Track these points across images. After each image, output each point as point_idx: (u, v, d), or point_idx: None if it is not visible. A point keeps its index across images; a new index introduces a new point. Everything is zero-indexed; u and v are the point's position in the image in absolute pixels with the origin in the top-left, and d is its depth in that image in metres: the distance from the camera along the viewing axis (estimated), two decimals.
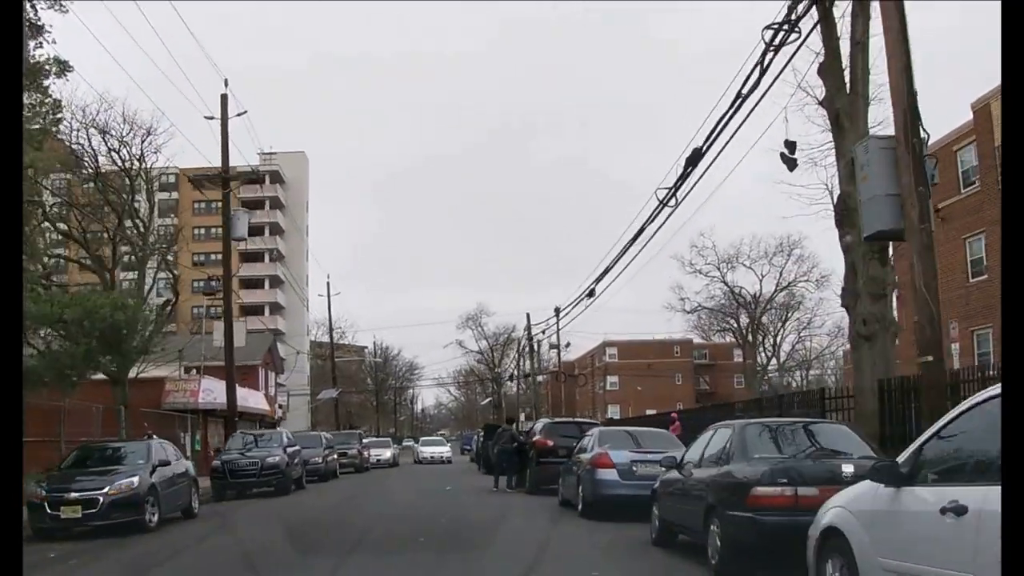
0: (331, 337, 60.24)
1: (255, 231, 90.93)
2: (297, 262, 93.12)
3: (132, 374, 36.42)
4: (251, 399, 46.66)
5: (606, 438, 15.81)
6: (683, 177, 17.60)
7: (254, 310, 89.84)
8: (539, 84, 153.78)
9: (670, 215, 18.99)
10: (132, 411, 34.75)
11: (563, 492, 18.06)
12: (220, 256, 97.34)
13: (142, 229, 38.15)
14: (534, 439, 22.40)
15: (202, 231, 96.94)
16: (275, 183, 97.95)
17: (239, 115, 32.80)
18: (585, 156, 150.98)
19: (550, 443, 21.69)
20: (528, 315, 51.92)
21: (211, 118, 32.51)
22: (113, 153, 37.48)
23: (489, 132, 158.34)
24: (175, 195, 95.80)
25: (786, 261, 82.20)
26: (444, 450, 51.75)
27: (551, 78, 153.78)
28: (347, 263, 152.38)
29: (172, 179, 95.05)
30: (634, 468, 14.61)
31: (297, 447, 27.35)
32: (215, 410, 38.67)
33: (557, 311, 52.75)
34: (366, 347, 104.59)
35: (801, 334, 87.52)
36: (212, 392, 39.24)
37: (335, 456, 33.89)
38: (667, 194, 18.28)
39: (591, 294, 27.79)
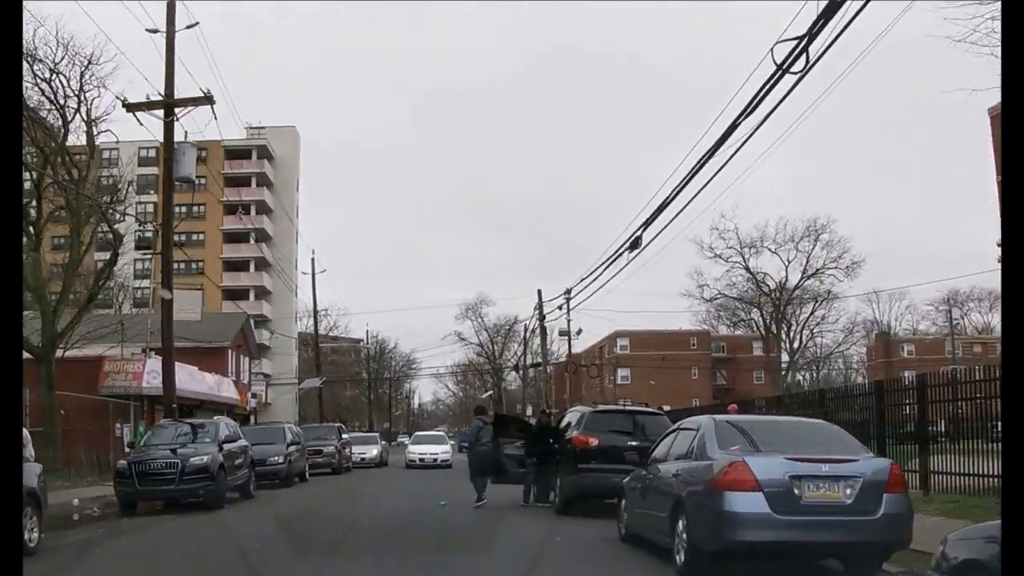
0: (315, 319, 53.53)
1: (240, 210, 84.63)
2: (286, 244, 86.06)
3: (59, 352, 30.16)
4: (217, 386, 39.86)
5: (727, 434, 8.78)
6: (830, 11, 10.78)
7: (238, 294, 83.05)
8: (544, 77, 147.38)
9: (793, 87, 12.15)
10: (56, 396, 28.28)
11: (628, 521, 11.19)
12: (202, 236, 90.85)
13: (76, 176, 31.25)
14: (571, 436, 15.52)
15: (182, 209, 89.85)
16: (262, 159, 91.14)
17: (188, 27, 26.16)
18: (590, 154, 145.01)
19: (594, 442, 14.96)
20: (540, 291, 45.04)
21: (155, 31, 26.00)
22: (43, 83, 30.76)
23: (489, 125, 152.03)
24: (154, 170, 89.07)
25: (813, 246, 75.58)
26: (442, 450, 39.22)
27: (555, 69, 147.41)
28: (345, 258, 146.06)
29: (152, 153, 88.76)
30: (797, 490, 7.86)
31: (243, 443, 20.57)
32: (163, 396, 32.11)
33: (568, 292, 46.08)
34: (360, 340, 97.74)
35: (814, 330, 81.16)
36: (159, 375, 32.57)
37: (298, 454, 26.99)
38: (796, 48, 11.43)
39: (635, 244, 20.97)
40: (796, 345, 79.57)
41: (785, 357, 78.12)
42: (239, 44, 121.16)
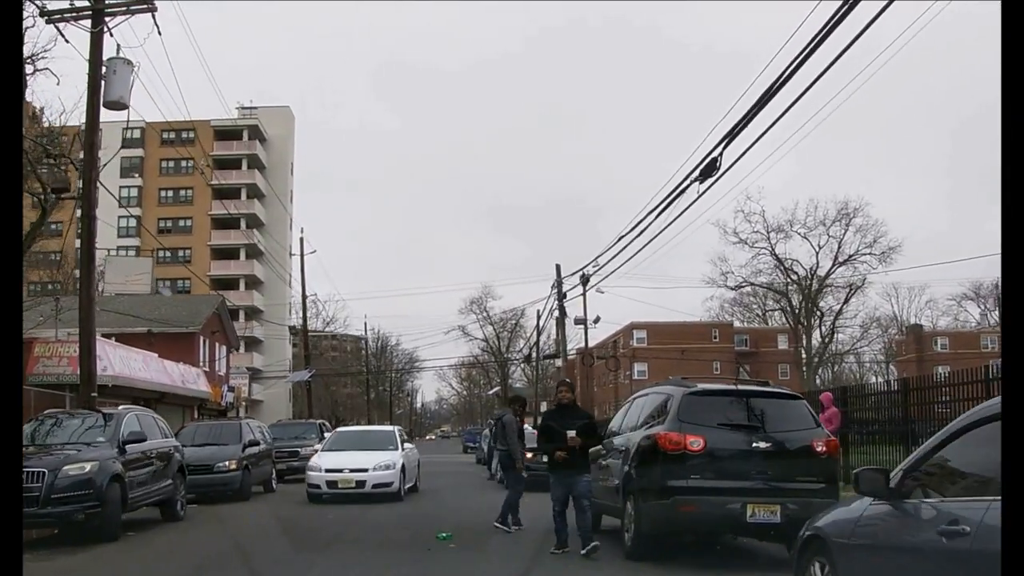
0: (303, 303, 47.56)
1: (230, 194, 78.61)
2: (279, 231, 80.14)
3: None
4: (182, 377, 34.03)
5: None
6: None
7: (227, 283, 77.43)
8: (558, 81, 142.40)
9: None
10: None
11: None
12: (189, 223, 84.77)
13: None
14: (654, 433, 9.54)
15: (169, 193, 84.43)
16: (254, 139, 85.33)
17: None
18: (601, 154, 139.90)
19: (696, 443, 9.05)
20: (558, 266, 39.13)
21: None
22: None
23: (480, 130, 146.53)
24: (139, 152, 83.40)
25: (844, 231, 69.48)
26: (379, 462, 18.48)
27: (571, 75, 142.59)
28: (343, 251, 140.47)
29: (137, 134, 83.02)
30: None
31: (164, 443, 14.79)
32: (106, 386, 26.52)
33: (584, 279, 40.21)
34: (360, 335, 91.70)
35: (830, 325, 75.32)
36: (102, 360, 26.91)
37: (262, 458, 21.10)
38: None
39: (710, 169, 15.12)
40: (817, 340, 73.75)
41: (825, 349, 72.19)
42: (236, 30, 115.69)
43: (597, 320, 50.22)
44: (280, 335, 77.17)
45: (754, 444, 9.07)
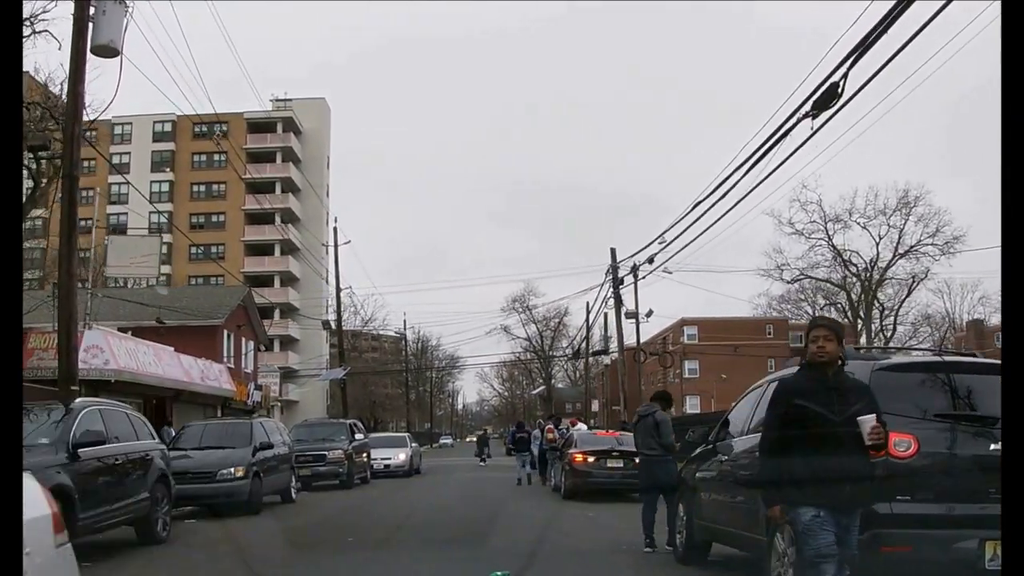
0: (337, 296, 44.73)
1: (264, 188, 76.01)
2: (315, 227, 77.33)
3: None
4: (201, 373, 31.15)
5: None
6: None
7: (262, 280, 74.76)
8: (580, 71, 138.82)
9: None
10: None
11: None
12: (222, 218, 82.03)
13: None
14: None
15: (201, 188, 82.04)
16: (288, 132, 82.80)
17: None
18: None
19: (905, 447, 5.63)
20: (613, 250, 35.79)
21: None
22: None
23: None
24: (170, 146, 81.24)
25: (905, 221, 65.20)
26: None
27: (597, 65, 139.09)
28: (382, 248, 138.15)
29: (168, 127, 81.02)
30: None
31: (142, 447, 11.77)
32: (109, 381, 23.90)
33: (635, 269, 36.88)
34: (399, 331, 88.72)
35: (885, 323, 71.15)
36: (103, 352, 24.34)
37: (278, 463, 17.96)
38: None
39: (828, 98, 11.79)
40: (875, 335, 69.52)
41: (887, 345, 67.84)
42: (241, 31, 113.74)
43: (650, 313, 46.83)
44: (316, 330, 74.49)
45: (991, 447, 5.74)
